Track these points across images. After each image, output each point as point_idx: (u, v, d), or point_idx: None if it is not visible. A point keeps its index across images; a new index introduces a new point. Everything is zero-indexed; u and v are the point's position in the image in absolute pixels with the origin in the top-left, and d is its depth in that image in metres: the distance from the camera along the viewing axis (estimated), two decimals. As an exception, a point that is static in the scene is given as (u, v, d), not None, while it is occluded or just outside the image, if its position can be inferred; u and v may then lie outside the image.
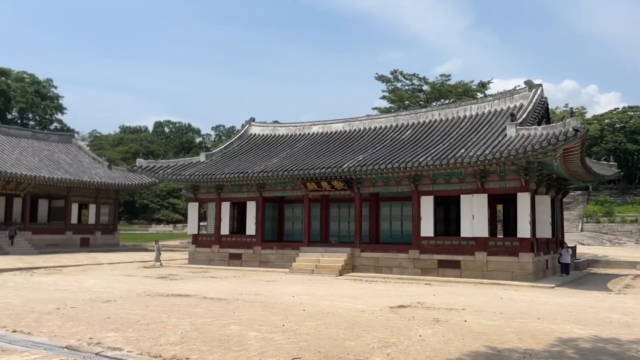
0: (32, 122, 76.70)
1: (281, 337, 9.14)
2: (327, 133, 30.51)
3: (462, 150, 21.17)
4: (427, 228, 22.73)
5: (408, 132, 27.07)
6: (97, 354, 7.70)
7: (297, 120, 33.31)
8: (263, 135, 32.89)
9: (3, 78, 70.99)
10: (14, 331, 9.23)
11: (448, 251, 22.22)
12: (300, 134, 31.47)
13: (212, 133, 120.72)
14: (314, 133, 31.04)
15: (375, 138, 27.60)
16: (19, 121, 73.56)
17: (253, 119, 34.21)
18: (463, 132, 24.56)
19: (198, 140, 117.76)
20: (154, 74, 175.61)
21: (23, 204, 37.06)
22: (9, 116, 71.51)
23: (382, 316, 11.66)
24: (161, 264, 27.88)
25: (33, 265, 26.18)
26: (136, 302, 13.19)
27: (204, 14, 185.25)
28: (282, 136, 32.00)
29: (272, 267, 25.98)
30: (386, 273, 23.01)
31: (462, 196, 22.09)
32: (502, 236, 28.03)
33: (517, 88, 28.45)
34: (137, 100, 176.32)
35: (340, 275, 22.83)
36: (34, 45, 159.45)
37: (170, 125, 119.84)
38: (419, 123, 27.72)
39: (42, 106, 77.82)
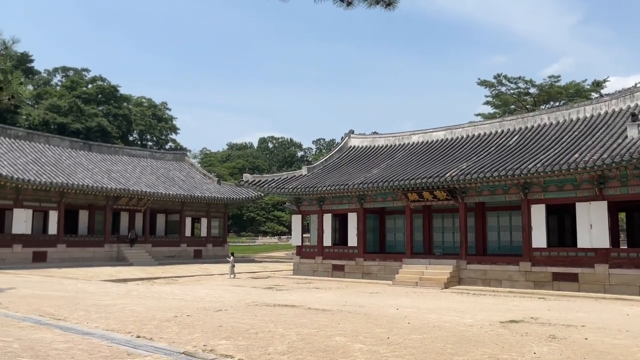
0: (149, 143, 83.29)
1: (386, 349, 9.02)
2: (427, 142, 29.95)
3: (576, 155, 19.76)
4: (539, 238, 21.41)
5: (515, 137, 25.80)
6: (210, 360, 8.09)
7: (397, 131, 33.05)
8: (362, 146, 33.00)
9: (125, 104, 77.95)
10: (138, 336, 9.96)
11: (563, 263, 20.75)
12: (399, 144, 31.18)
13: (313, 147, 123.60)
14: (413, 142, 30.60)
15: (479, 145, 26.63)
16: (138, 142, 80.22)
17: (352, 131, 34.47)
18: (576, 135, 22.94)
19: (300, 154, 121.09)
20: (259, 91, 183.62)
21: (143, 219, 40.27)
22: (130, 138, 78.23)
23: (492, 331, 11.11)
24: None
25: (153, 276, 28.26)
26: (245, 312, 13.71)
27: (304, 30, 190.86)
28: (381, 147, 31.91)
29: (375, 278, 25.83)
30: (495, 286, 21.96)
31: (577, 204, 20.58)
32: (626, 247, 25.68)
33: (639, 85, 26.07)
34: (243, 118, 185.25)
35: (446, 288, 22.15)
36: (151, 71, 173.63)
37: (274, 141, 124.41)
38: (526, 128, 26.32)
39: (158, 127, 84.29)
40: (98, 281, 24.16)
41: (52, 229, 34.52)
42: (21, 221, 32.88)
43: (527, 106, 57.86)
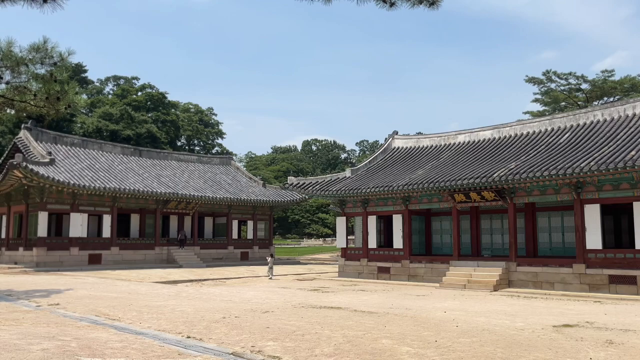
0: (197, 148, 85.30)
1: (434, 353, 8.89)
2: (474, 142, 29.35)
3: (633, 152, 18.92)
4: (593, 240, 20.61)
5: (566, 135, 24.96)
6: (258, 361, 8.19)
7: (442, 131, 32.55)
8: (406, 147, 32.68)
9: (173, 110, 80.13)
10: (188, 337, 10.20)
11: (620, 265, 19.89)
12: (445, 145, 30.69)
13: (357, 148, 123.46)
14: (460, 142, 30.06)
15: (528, 144, 25.89)
16: (186, 147, 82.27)
17: (396, 132, 34.20)
18: (633, 131, 21.97)
19: (343, 156, 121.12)
20: (302, 94, 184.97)
21: (192, 222, 41.25)
22: (179, 143, 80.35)
23: (545, 335, 10.77)
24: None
25: (202, 278, 28.87)
26: (292, 313, 13.81)
27: (347, 32, 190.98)
28: (426, 147, 31.51)
29: (421, 281, 25.51)
30: (546, 289, 21.28)
31: (634, 203, 19.70)
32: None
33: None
34: (287, 121, 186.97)
35: (495, 290, 21.63)
36: (197, 78, 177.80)
37: (317, 143, 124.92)
38: (578, 125, 25.42)
39: (205, 133, 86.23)
40: (149, 283, 24.88)
41: (106, 232, 35.84)
42: (77, 225, 34.29)
43: (579, 103, 55.91)
